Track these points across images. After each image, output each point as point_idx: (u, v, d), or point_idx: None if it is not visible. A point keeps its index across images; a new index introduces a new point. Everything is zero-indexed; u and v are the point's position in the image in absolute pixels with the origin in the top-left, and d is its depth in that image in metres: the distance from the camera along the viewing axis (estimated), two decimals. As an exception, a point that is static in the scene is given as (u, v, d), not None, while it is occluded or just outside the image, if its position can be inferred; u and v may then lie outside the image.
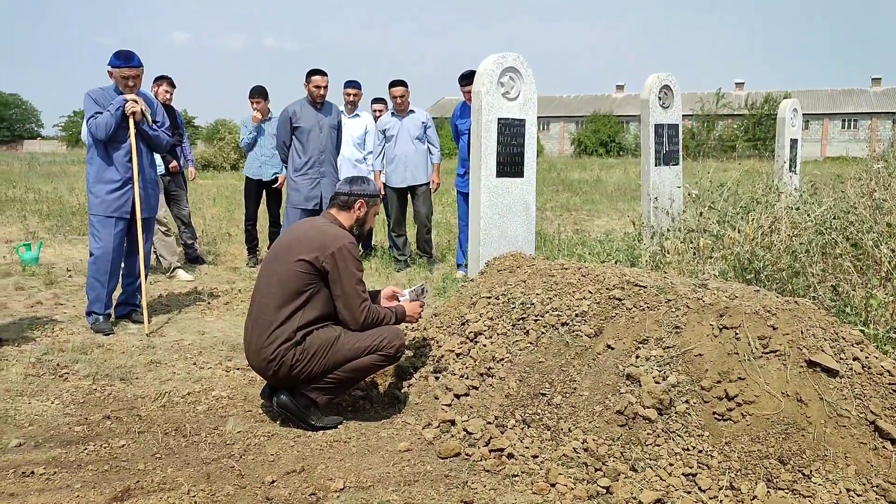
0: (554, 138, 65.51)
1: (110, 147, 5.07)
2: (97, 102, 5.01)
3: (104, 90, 5.10)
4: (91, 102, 5.01)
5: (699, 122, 52.26)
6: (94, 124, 4.95)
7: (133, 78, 5.08)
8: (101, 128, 4.94)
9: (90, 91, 5.06)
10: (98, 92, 5.07)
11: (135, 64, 5.07)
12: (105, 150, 5.06)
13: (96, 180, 5.08)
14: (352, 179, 3.75)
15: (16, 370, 4.17)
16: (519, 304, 3.94)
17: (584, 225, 11.14)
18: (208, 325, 5.37)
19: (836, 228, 4.88)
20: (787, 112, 9.21)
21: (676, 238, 5.39)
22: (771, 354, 3.09)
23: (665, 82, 6.65)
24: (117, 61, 5.04)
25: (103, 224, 5.09)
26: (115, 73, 5.06)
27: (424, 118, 7.49)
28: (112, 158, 5.08)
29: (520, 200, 5.38)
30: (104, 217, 5.08)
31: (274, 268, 3.46)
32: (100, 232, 5.11)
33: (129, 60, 5.06)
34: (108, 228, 5.10)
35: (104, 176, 5.07)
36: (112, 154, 5.08)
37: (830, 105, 59.97)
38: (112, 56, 5.07)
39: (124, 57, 5.05)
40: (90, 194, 5.12)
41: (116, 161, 5.09)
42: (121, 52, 5.08)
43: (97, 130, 4.95)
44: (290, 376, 3.38)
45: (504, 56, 5.21)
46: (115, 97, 5.05)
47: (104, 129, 4.95)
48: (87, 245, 5.25)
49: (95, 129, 4.95)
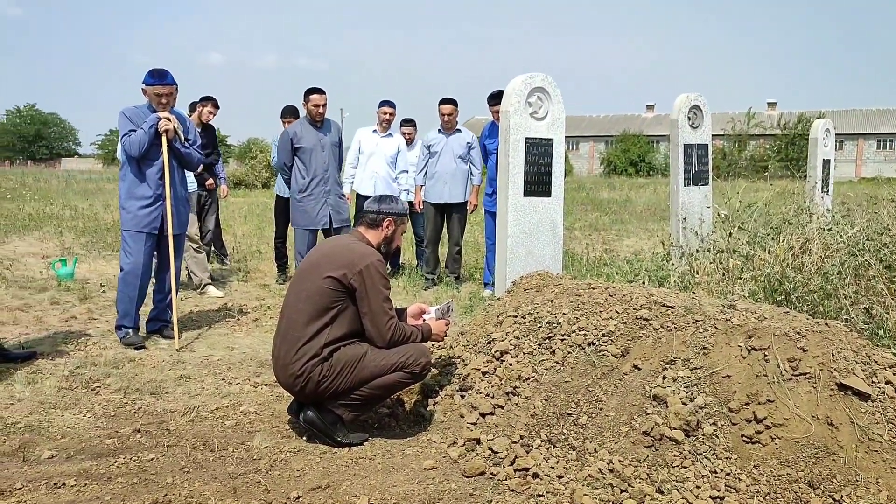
0: (583, 158, 65.44)
1: (142, 164, 5.16)
2: (131, 120, 5.11)
3: (138, 108, 5.21)
4: (125, 120, 5.12)
5: (730, 142, 51.86)
6: (128, 141, 5.05)
7: (166, 96, 5.17)
8: (134, 145, 5.04)
9: (125, 109, 5.18)
10: (132, 110, 5.18)
11: (168, 82, 5.17)
12: (137, 166, 5.15)
13: (128, 196, 5.17)
14: (380, 198, 3.79)
15: (50, 383, 4.25)
16: (545, 324, 3.93)
17: (613, 245, 11.08)
18: (237, 342, 5.43)
19: (870, 250, 4.81)
20: (819, 132, 9.11)
21: (705, 258, 5.35)
22: (801, 377, 3.05)
23: (695, 102, 6.63)
24: (151, 79, 5.15)
25: (134, 239, 5.18)
26: (149, 91, 5.17)
27: (470, 139, 7.54)
28: (144, 175, 5.17)
29: (547, 220, 5.38)
30: (135, 232, 5.17)
31: (303, 284, 3.50)
32: (130, 247, 5.19)
33: (163, 78, 5.16)
34: (138, 244, 5.18)
35: (136, 192, 5.16)
36: (144, 171, 5.17)
37: (865, 125, 59.17)
38: (146, 74, 5.18)
39: (158, 75, 5.16)
40: (122, 210, 5.22)
41: (148, 178, 5.17)
42: (155, 71, 5.18)
43: (131, 147, 5.04)
44: (317, 392, 3.40)
45: (532, 76, 5.24)
46: (148, 115, 5.15)
47: (138, 147, 5.04)
48: (119, 261, 5.34)
49: (129, 146, 5.04)
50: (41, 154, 70.90)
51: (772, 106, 63.27)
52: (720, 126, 48.73)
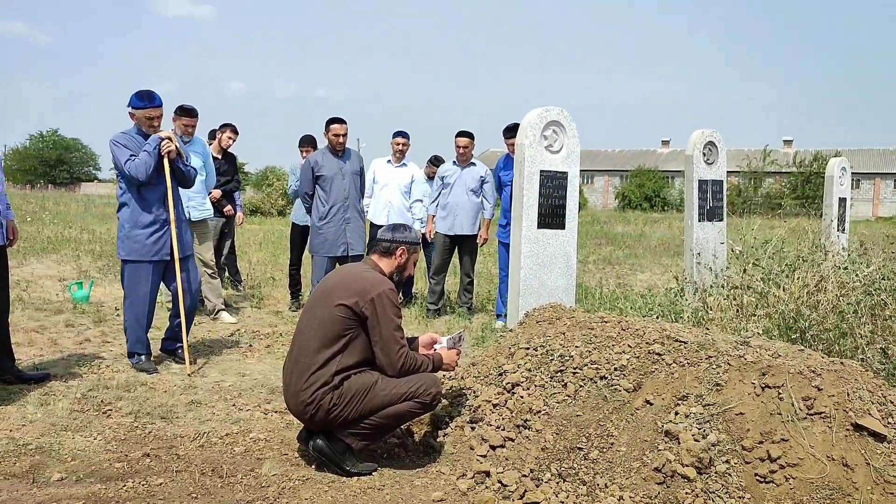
0: (598, 192, 65.49)
1: (145, 190, 5.05)
2: (127, 147, 4.98)
3: (127, 134, 5.07)
4: (121, 147, 4.97)
5: (746, 179, 51.77)
6: (133, 167, 4.92)
7: (157, 118, 5.10)
8: (140, 169, 4.92)
9: (115, 137, 5.02)
10: (123, 137, 5.03)
11: (158, 104, 5.09)
12: (139, 193, 5.04)
13: (133, 225, 5.05)
14: (394, 227, 3.81)
15: (62, 405, 4.27)
16: (557, 357, 3.91)
17: (627, 279, 11.04)
18: (249, 368, 5.43)
19: (886, 289, 4.76)
20: (835, 170, 9.10)
21: (719, 295, 5.32)
22: (815, 416, 3.02)
23: (709, 138, 6.65)
24: (141, 102, 5.03)
25: (141, 269, 5.09)
26: (139, 115, 5.05)
27: (483, 173, 7.59)
28: (147, 201, 5.06)
29: (561, 252, 5.38)
30: (142, 262, 5.08)
31: (315, 312, 3.51)
32: (137, 277, 5.10)
33: (153, 101, 5.06)
34: (146, 274, 5.10)
35: (141, 220, 5.05)
36: (147, 196, 5.06)
37: (882, 164, 58.97)
38: (133, 97, 5.06)
39: (147, 97, 5.05)
40: (126, 240, 5.07)
41: (152, 203, 5.08)
42: (142, 93, 5.07)
43: (137, 172, 4.92)
44: (327, 420, 3.40)
45: (548, 110, 5.29)
46: (139, 139, 5.04)
47: (144, 170, 4.93)
48: (125, 290, 5.24)
49: (136, 170, 4.91)
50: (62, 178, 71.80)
51: (788, 144, 63.19)
52: (736, 163, 48.69)
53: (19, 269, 9.47)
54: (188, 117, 6.47)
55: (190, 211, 6.65)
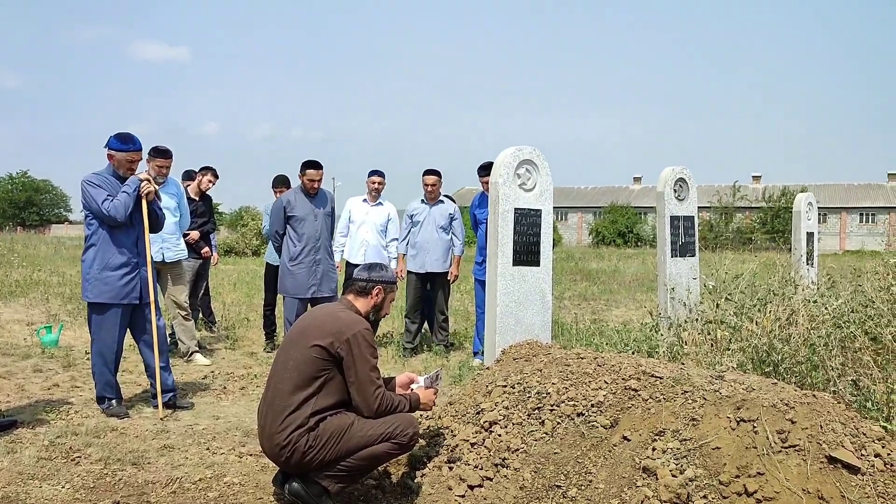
0: (572, 228, 66.06)
1: (118, 231, 4.99)
2: (101, 187, 4.94)
3: (100, 175, 5.02)
4: (96, 188, 4.93)
5: (717, 215, 52.60)
6: (111, 207, 4.87)
7: (137, 161, 5.10)
8: (120, 210, 4.88)
9: (88, 178, 4.97)
10: (97, 177, 4.99)
11: (139, 147, 5.08)
12: (113, 234, 4.98)
13: (103, 267, 4.96)
14: (370, 266, 3.81)
15: (29, 453, 4.17)
16: (535, 394, 3.91)
17: (602, 314, 11.10)
18: (223, 410, 5.35)
19: (855, 322, 4.84)
20: (802, 205, 9.28)
21: (694, 329, 5.36)
22: (790, 449, 3.04)
23: (680, 175, 6.76)
24: (123, 145, 5.01)
25: (109, 311, 5.00)
26: (120, 157, 5.01)
27: (452, 210, 7.65)
28: (120, 242, 4.99)
29: (536, 289, 5.41)
30: (111, 305, 4.99)
31: (290, 353, 3.49)
32: (105, 320, 5.00)
33: (135, 144, 5.05)
34: (115, 317, 5.01)
35: (112, 262, 4.96)
36: (120, 238, 5.00)
37: (847, 199, 60.27)
38: (112, 139, 5.02)
39: (128, 140, 5.03)
40: (95, 281, 4.96)
41: (125, 245, 5.01)
42: (124, 136, 5.04)
43: (116, 213, 4.88)
44: (303, 463, 3.35)
45: (520, 149, 5.35)
46: (113, 181, 5.00)
47: (123, 211, 4.90)
48: (91, 334, 5.13)
49: (115, 211, 4.87)
50: (32, 220, 70.84)
51: (756, 179, 64.41)
52: (706, 198, 49.48)
53: (-13, 314, 9.29)
54: (162, 158, 6.46)
55: (164, 252, 6.60)
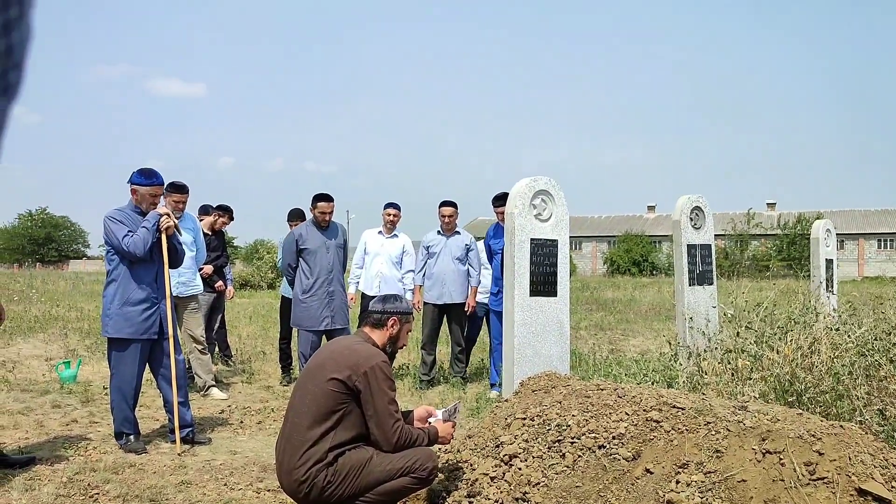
0: (587, 258, 65.89)
1: (139, 266, 5.03)
2: (123, 223, 5.00)
3: (122, 211, 5.09)
4: (117, 224, 4.98)
5: (732, 242, 52.32)
6: (131, 242, 4.91)
7: (160, 196, 5.21)
8: (139, 245, 4.92)
9: (111, 214, 5.04)
10: (119, 213, 5.06)
11: (161, 182, 5.19)
12: (133, 269, 5.02)
13: (124, 302, 4.98)
14: (385, 297, 3.81)
15: (47, 490, 4.15)
16: (555, 426, 3.86)
17: (619, 344, 11.01)
18: (240, 445, 5.32)
19: (879, 350, 4.76)
20: (820, 232, 9.21)
21: (714, 359, 5.30)
22: (819, 482, 2.97)
23: (696, 203, 6.74)
24: (147, 180, 5.09)
25: (129, 347, 5.01)
26: (144, 191, 5.08)
27: (468, 241, 7.66)
28: (140, 277, 5.03)
29: (554, 320, 5.38)
30: (131, 340, 5.00)
31: (307, 387, 3.47)
32: (125, 355, 5.02)
33: (157, 178, 5.15)
34: (134, 352, 5.03)
35: (132, 297, 4.99)
36: (140, 273, 5.03)
37: (864, 225, 59.80)
38: (136, 174, 5.10)
39: (151, 175, 5.13)
40: (116, 317, 4.97)
41: (145, 280, 5.04)
42: (147, 171, 5.13)
43: (136, 248, 4.91)
44: (322, 498, 3.32)
45: (536, 179, 5.36)
46: (134, 216, 5.07)
47: (143, 246, 4.93)
48: (111, 369, 5.15)
49: (134, 246, 4.91)
50: (50, 256, 71.60)
51: (771, 206, 64.11)
52: (721, 226, 49.30)
53: (5, 350, 9.34)
54: (179, 193, 6.52)
55: (180, 287, 6.63)
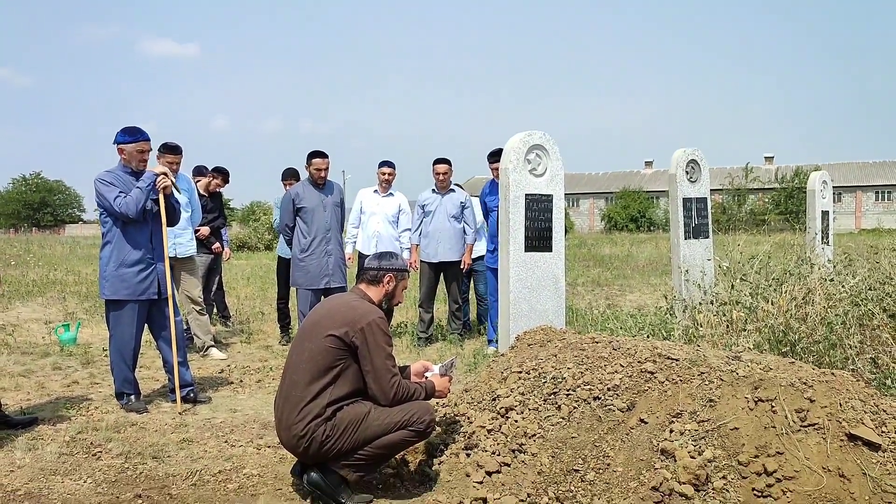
0: (584, 214, 65.88)
1: (133, 227, 4.97)
2: (113, 184, 4.91)
3: (112, 172, 4.99)
4: (107, 185, 4.90)
5: (730, 197, 52.25)
6: (123, 203, 4.85)
7: (147, 152, 5.06)
8: (130, 206, 4.85)
9: (100, 176, 4.94)
10: (109, 175, 4.96)
11: (146, 137, 5.05)
12: (127, 231, 4.96)
13: (119, 264, 4.94)
14: (380, 255, 3.81)
15: (50, 449, 4.20)
16: (550, 379, 3.90)
17: (616, 300, 11.06)
18: (240, 403, 5.38)
19: (873, 299, 4.80)
20: (816, 184, 9.20)
21: (709, 311, 5.34)
22: (809, 428, 3.02)
23: (692, 156, 6.71)
24: (131, 137, 4.99)
25: (126, 308, 5.00)
26: (129, 149, 4.98)
27: (464, 198, 7.62)
28: (134, 238, 4.98)
29: (549, 275, 5.39)
30: (128, 301, 4.98)
31: (304, 344, 3.49)
32: (122, 317, 5.01)
33: (143, 134, 5.04)
34: (132, 312, 5.02)
35: (128, 259, 4.95)
36: (135, 234, 4.98)
37: (862, 177, 59.70)
38: (119, 133, 5.00)
39: (136, 131, 5.02)
40: (112, 278, 4.95)
41: (140, 241, 5.00)
42: (130, 129, 5.02)
43: (127, 209, 4.85)
44: (321, 453, 3.36)
45: (530, 134, 5.33)
46: (124, 176, 4.98)
47: (135, 206, 4.86)
48: (110, 330, 5.16)
49: (126, 207, 4.84)
50: (46, 221, 71.42)
51: (769, 160, 63.92)
52: (718, 181, 49.19)
53: (4, 314, 9.38)
54: (172, 154, 6.47)
55: (176, 248, 6.62)
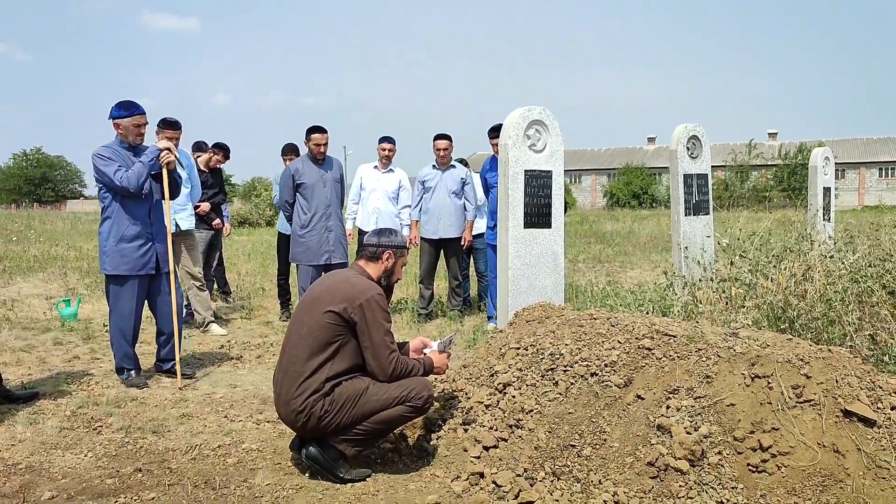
0: (586, 191, 65.66)
1: (133, 202, 4.97)
2: (112, 159, 4.89)
3: (110, 147, 4.97)
4: (106, 160, 4.88)
5: (732, 173, 52.02)
6: (125, 177, 4.83)
7: (144, 125, 5.04)
8: (132, 180, 4.83)
9: (98, 151, 4.91)
10: (107, 150, 4.94)
11: (142, 111, 5.03)
12: (127, 205, 4.96)
13: (119, 239, 4.95)
14: (379, 231, 3.81)
15: (51, 423, 4.23)
16: (548, 355, 3.92)
17: (617, 276, 11.07)
18: (240, 379, 5.41)
19: (872, 276, 4.79)
20: (818, 160, 9.14)
21: (708, 288, 5.33)
22: (805, 404, 3.03)
23: (693, 132, 6.67)
24: (127, 111, 4.96)
25: (126, 283, 5.01)
26: (126, 123, 4.96)
27: (464, 175, 7.59)
28: (133, 213, 4.97)
29: (548, 251, 5.38)
30: (128, 276, 4.99)
31: (303, 319, 3.50)
32: (123, 292, 5.02)
33: (138, 108, 5.01)
34: (132, 288, 5.03)
35: (127, 233, 4.95)
36: (133, 209, 4.97)
37: (866, 154, 59.37)
38: (114, 108, 4.98)
39: (132, 105, 5.00)
40: (112, 253, 4.96)
41: (139, 216, 4.99)
42: (125, 103, 5.00)
43: (129, 183, 4.83)
44: (319, 428, 3.38)
45: (530, 109, 5.29)
46: (124, 152, 4.96)
47: (136, 180, 4.84)
48: (109, 305, 5.18)
49: (128, 181, 4.82)
50: (47, 196, 71.29)
51: (772, 136, 63.54)
52: (722, 157, 48.96)
53: (5, 289, 9.40)
54: (172, 130, 6.44)
55: (176, 221, 6.62)
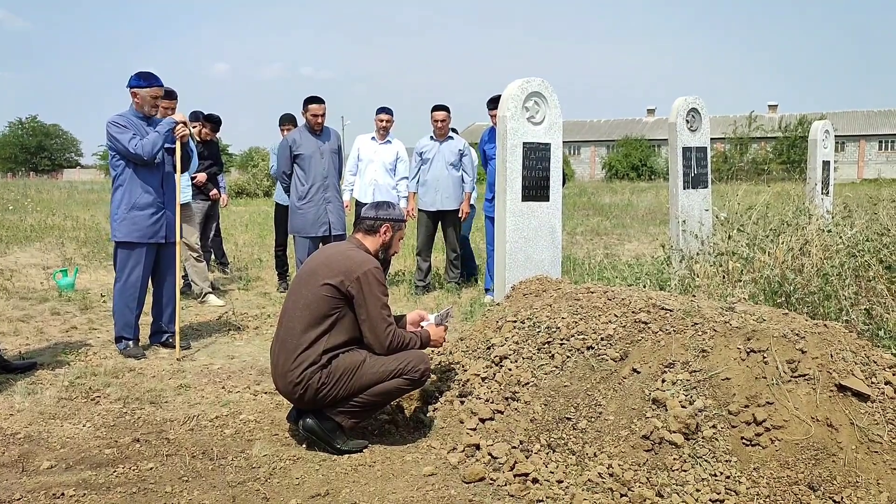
0: (585, 163, 65.47)
1: (145, 171, 5.04)
2: (126, 127, 4.96)
3: (124, 116, 5.04)
4: (120, 128, 4.95)
5: (732, 146, 51.83)
6: (139, 145, 4.89)
7: (160, 98, 5.14)
8: (147, 148, 4.90)
9: (114, 119, 4.99)
10: (122, 118, 5.00)
11: (160, 84, 5.11)
12: (139, 175, 5.03)
13: (130, 206, 5.03)
14: (377, 204, 3.79)
15: (49, 393, 4.25)
16: (544, 328, 3.93)
17: (615, 249, 11.07)
18: (238, 350, 5.42)
19: (869, 251, 4.80)
20: (818, 133, 9.10)
21: (705, 261, 5.34)
22: (800, 378, 3.04)
23: (692, 105, 6.62)
24: (146, 82, 5.03)
25: (135, 251, 5.07)
26: (144, 94, 5.03)
27: (462, 146, 7.54)
28: (147, 183, 5.05)
29: (546, 224, 5.37)
30: (138, 244, 5.06)
31: (301, 292, 3.50)
32: (131, 259, 5.08)
33: (157, 80, 5.08)
34: (140, 255, 5.09)
35: (139, 202, 5.03)
36: (147, 178, 5.05)
37: (867, 126, 59.14)
38: (134, 77, 5.04)
39: (151, 77, 5.06)
40: (124, 221, 5.04)
41: (151, 184, 5.07)
42: (143, 74, 5.06)
43: (143, 150, 4.89)
44: (316, 400, 3.40)
45: (529, 81, 5.25)
46: (135, 121, 5.02)
47: (150, 149, 4.92)
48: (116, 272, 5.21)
49: (142, 149, 4.89)
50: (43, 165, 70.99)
51: (773, 108, 63.24)
52: (721, 129, 48.74)
53: (3, 259, 9.40)
54: (167, 100, 6.38)
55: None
